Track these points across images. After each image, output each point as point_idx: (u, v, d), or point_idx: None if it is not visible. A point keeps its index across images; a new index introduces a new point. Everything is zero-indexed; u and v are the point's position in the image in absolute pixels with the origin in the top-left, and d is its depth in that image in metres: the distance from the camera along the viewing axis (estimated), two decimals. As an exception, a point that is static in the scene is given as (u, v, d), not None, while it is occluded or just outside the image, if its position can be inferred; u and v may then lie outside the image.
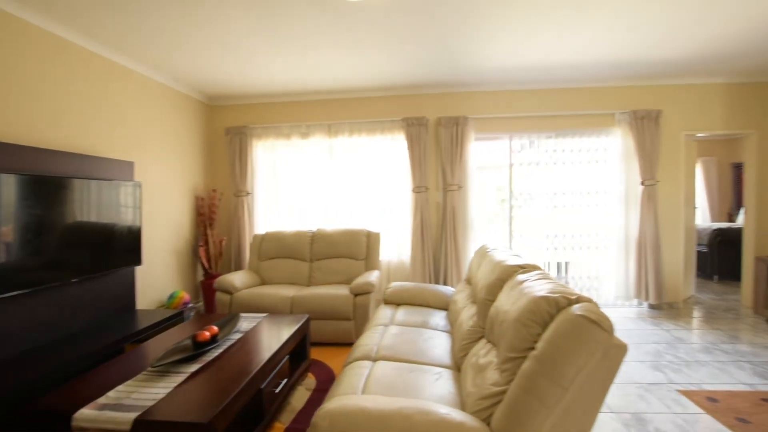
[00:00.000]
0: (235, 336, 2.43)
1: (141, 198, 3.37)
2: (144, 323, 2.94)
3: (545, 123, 4.48)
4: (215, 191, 4.78)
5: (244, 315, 2.88)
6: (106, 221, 3.00)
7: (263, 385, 2.01)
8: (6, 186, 2.28)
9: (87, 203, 2.84)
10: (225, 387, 1.75)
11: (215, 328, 2.27)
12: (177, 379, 1.82)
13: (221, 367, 1.97)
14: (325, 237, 4.11)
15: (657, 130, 4.24)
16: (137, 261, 3.31)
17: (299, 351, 2.81)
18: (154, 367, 1.91)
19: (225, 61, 3.62)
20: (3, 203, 2.26)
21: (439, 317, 2.75)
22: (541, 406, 1.13)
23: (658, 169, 4.26)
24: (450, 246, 4.39)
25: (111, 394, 1.69)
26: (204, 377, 1.85)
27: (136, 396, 1.67)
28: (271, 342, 2.34)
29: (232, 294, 3.56)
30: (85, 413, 1.54)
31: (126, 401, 1.63)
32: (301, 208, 4.84)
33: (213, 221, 4.60)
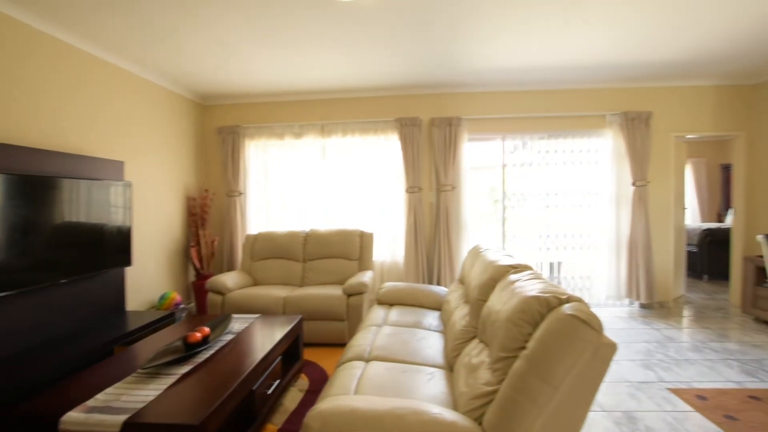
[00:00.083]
0: (227, 337, 2.41)
1: (131, 198, 3.33)
2: (134, 325, 2.91)
3: (538, 124, 4.51)
4: (207, 191, 4.75)
5: (236, 316, 2.86)
6: (95, 221, 2.96)
7: (255, 386, 2.00)
8: (-8, 186, 2.24)
9: (76, 203, 2.80)
10: (217, 388, 1.73)
11: (207, 329, 2.25)
12: (168, 381, 1.80)
13: (213, 369, 1.95)
14: (318, 237, 4.09)
15: (647, 131, 4.29)
16: (127, 262, 3.28)
17: (292, 352, 2.79)
18: (144, 369, 1.89)
19: (217, 61, 3.59)
20: (-11, 203, 2.22)
21: (432, 317, 2.75)
22: (532, 405, 1.13)
23: (648, 170, 4.31)
24: (443, 246, 4.40)
25: (99, 396, 1.67)
26: (195, 379, 1.84)
27: (125, 398, 1.65)
28: (264, 343, 2.33)
29: (224, 295, 3.53)
30: (73, 416, 1.51)
31: (115, 404, 1.60)
32: (294, 208, 4.82)
33: (205, 221, 4.57)
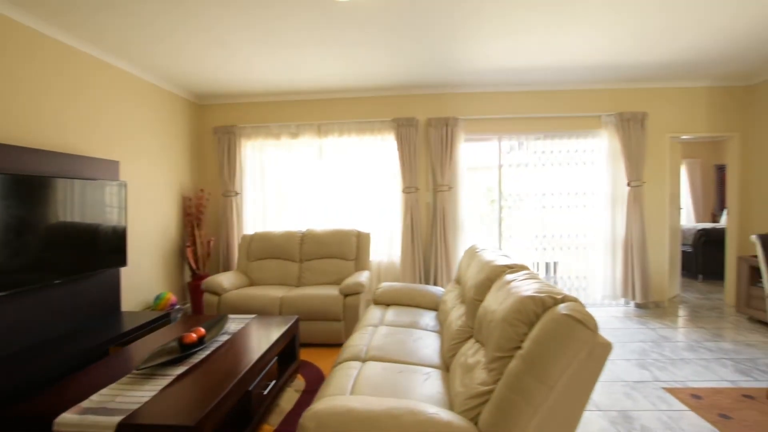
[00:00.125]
0: (223, 338, 2.40)
1: (126, 198, 3.31)
2: (129, 325, 2.89)
3: (534, 124, 4.53)
4: (203, 191, 4.73)
5: (232, 316, 2.85)
6: (90, 222, 2.94)
7: (251, 387, 2.00)
8: (-15, 185, 2.23)
9: (70, 203, 2.78)
10: (212, 389, 1.73)
11: (202, 329, 2.24)
12: (163, 382, 1.79)
13: (208, 369, 1.94)
14: (315, 237, 4.09)
15: (643, 132, 4.31)
16: (122, 262, 3.26)
17: (288, 352, 2.79)
18: (139, 370, 1.88)
19: (214, 60, 3.58)
20: (-18, 203, 2.21)
21: (429, 317, 2.75)
22: (527, 404, 1.14)
23: (644, 171, 4.33)
24: (440, 246, 4.40)
25: (94, 397, 1.66)
26: (191, 379, 1.83)
27: (120, 399, 1.64)
28: (260, 343, 2.32)
29: (220, 295, 3.52)
30: (67, 418, 1.50)
31: (110, 405, 1.59)
32: (291, 208, 4.81)
33: (201, 221, 4.55)
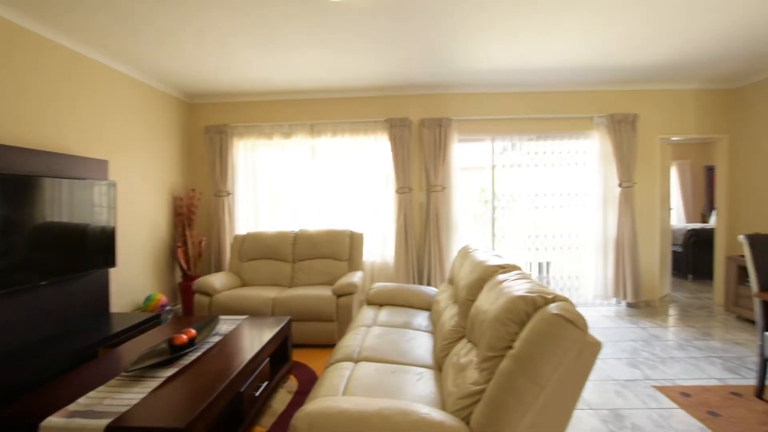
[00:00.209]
0: (214, 339, 2.38)
1: (116, 197, 3.27)
2: (118, 327, 2.86)
3: (527, 125, 4.55)
4: (194, 191, 4.68)
5: (223, 317, 2.83)
6: (78, 221, 2.90)
7: (243, 388, 1.98)
8: (-30, 184, 2.18)
9: (58, 203, 2.73)
10: (203, 391, 1.71)
11: (193, 331, 2.22)
12: (152, 384, 1.76)
13: (199, 371, 1.92)
14: (308, 237, 4.07)
15: (634, 133, 4.36)
16: (111, 263, 3.21)
17: (281, 353, 2.77)
18: (128, 372, 1.85)
19: (205, 59, 3.55)
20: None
21: (422, 318, 2.75)
22: (518, 404, 1.14)
23: (634, 172, 4.37)
24: (433, 246, 4.40)
25: (81, 400, 1.63)
26: (181, 381, 1.81)
27: (108, 402, 1.61)
28: (252, 344, 2.30)
29: (211, 296, 3.49)
30: (53, 421, 1.47)
31: (97, 408, 1.57)
32: (284, 208, 4.78)
33: (192, 221, 4.50)
